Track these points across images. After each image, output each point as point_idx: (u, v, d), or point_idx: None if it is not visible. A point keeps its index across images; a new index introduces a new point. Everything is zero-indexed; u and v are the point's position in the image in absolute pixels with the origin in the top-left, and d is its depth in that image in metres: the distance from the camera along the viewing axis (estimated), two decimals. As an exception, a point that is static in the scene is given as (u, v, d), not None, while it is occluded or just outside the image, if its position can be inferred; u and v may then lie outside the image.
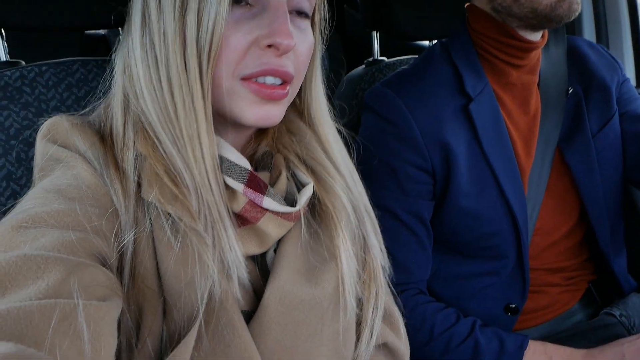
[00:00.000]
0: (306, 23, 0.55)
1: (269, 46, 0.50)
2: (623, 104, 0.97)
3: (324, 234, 0.56)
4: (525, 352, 0.79)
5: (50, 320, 0.36)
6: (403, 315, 0.69)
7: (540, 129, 0.89)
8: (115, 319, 0.42)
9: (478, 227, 0.85)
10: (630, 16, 1.20)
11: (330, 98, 0.64)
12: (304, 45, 0.54)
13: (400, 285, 0.82)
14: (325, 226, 0.56)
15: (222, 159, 0.52)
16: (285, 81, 0.52)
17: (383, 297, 0.59)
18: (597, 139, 0.92)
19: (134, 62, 0.51)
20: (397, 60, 1.13)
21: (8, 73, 0.75)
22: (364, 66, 1.11)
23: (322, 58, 0.61)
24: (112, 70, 0.55)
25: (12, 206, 0.47)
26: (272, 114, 0.52)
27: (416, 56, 1.14)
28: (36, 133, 0.53)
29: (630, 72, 1.28)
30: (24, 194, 0.48)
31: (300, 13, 0.54)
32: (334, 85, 1.11)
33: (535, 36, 0.84)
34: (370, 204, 0.63)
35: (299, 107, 0.62)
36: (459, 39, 0.89)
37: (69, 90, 0.77)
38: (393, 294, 0.68)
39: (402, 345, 0.66)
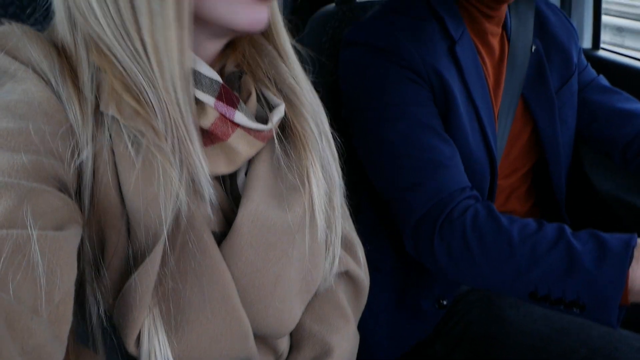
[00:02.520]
0: None
1: None
2: (583, 75, 1.02)
3: (293, 157, 0.54)
4: (635, 249, 0.66)
5: (1, 252, 0.33)
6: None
7: (508, 77, 0.91)
8: (74, 248, 0.39)
9: (468, 164, 0.84)
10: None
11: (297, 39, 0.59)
12: None
13: (463, 191, 0.78)
14: (294, 150, 0.54)
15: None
16: None
17: (340, 220, 0.59)
18: (557, 96, 0.96)
19: None
20: (368, 0, 1.09)
21: None
22: (333, 5, 1.06)
23: None
24: None
25: None
26: (263, 17, 0.47)
27: None
28: None
29: (587, 34, 1.32)
30: None
31: None
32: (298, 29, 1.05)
33: None
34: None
35: None
36: None
37: None
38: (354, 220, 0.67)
39: (363, 273, 0.66)
